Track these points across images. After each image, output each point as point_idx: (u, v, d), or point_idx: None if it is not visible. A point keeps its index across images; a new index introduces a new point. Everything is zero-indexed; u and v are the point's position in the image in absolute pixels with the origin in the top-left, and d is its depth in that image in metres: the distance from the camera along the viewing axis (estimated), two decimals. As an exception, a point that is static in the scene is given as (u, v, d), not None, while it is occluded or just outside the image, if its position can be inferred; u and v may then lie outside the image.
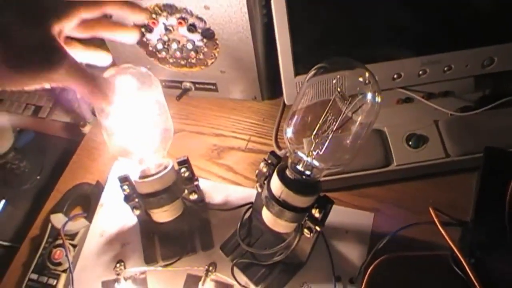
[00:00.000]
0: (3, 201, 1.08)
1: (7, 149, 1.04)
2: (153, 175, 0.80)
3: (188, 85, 1.03)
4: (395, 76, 0.91)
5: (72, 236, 0.92)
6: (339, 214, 0.85)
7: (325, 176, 0.87)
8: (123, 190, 0.82)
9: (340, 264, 0.82)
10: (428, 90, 0.96)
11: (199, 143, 1.03)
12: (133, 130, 0.80)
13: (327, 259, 0.82)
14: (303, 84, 0.73)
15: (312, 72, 0.72)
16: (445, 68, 0.91)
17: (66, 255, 0.88)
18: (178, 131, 1.03)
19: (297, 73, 0.88)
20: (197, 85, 1.04)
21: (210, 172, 0.98)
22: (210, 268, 0.83)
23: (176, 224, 0.85)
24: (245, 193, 0.90)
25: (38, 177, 1.11)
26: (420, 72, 0.91)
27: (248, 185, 0.94)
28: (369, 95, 0.69)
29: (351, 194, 0.92)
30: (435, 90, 0.96)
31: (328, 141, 0.70)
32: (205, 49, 0.95)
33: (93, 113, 1.11)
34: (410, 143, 0.92)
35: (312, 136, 0.71)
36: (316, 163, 0.71)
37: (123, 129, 0.80)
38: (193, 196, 0.85)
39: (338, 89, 0.69)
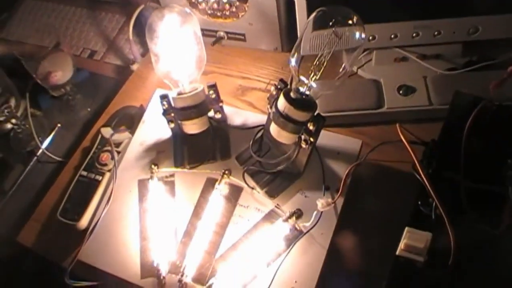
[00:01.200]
0: (58, 125, 1.29)
1: (67, 80, 1.25)
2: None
3: (222, 34, 1.24)
4: (392, 36, 1.09)
5: (117, 145, 1.13)
6: (333, 139, 1.04)
7: (326, 112, 1.07)
8: (163, 105, 1.03)
9: (330, 177, 1.00)
10: (422, 52, 1.13)
11: (227, 83, 1.23)
12: (175, 56, 1.01)
13: (320, 172, 1.01)
14: (307, 23, 0.92)
15: (313, 14, 0.91)
16: (435, 33, 1.07)
17: (112, 158, 1.09)
18: (210, 73, 1.24)
19: (314, 28, 1.07)
20: (229, 35, 1.25)
21: (234, 106, 1.18)
22: (226, 172, 1.02)
23: (202, 137, 1.06)
24: (259, 119, 1.08)
25: (89, 109, 1.32)
26: (414, 35, 1.08)
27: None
28: (357, 34, 0.88)
29: (348, 130, 1.10)
30: (428, 53, 1.13)
31: (323, 68, 0.89)
32: (237, 3, 1.15)
33: (142, 55, 1.32)
34: (401, 91, 1.10)
35: (313, 65, 0.90)
36: (314, 85, 0.90)
37: (167, 54, 1.01)
38: (218, 115, 1.05)
39: (334, 29, 0.88)
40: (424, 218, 0.84)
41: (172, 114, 1.03)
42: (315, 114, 0.91)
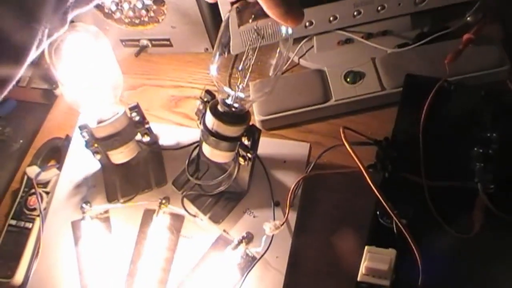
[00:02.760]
0: (-10, 165, 1.17)
1: (-14, 116, 1.13)
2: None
3: (145, 42, 1.12)
4: (331, 18, 0.97)
5: (45, 185, 1.02)
6: (278, 146, 0.92)
7: (268, 115, 0.96)
8: (83, 136, 0.91)
9: (279, 190, 0.89)
10: (367, 30, 1.02)
11: (159, 95, 1.11)
12: (84, 81, 0.88)
13: (267, 187, 0.89)
14: (224, 22, 0.80)
15: (229, 11, 0.78)
16: (379, 8, 0.96)
17: (38, 201, 0.97)
18: (139, 86, 1.12)
19: (240, 24, 0.95)
20: (153, 42, 1.12)
21: (169, 120, 1.06)
22: (163, 201, 0.91)
23: (133, 164, 0.94)
24: (194, 134, 0.96)
25: (21, 141, 1.19)
26: (355, 13, 0.97)
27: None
28: (283, 29, 0.76)
29: (296, 131, 0.99)
30: (374, 30, 1.02)
31: (249, 74, 0.77)
32: (154, 7, 1.03)
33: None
34: (348, 79, 0.98)
35: (238, 72, 0.78)
36: (241, 95, 0.78)
37: (74, 80, 0.88)
38: (146, 138, 0.93)
39: (255, 27, 0.76)
40: (386, 232, 0.74)
41: (96, 145, 0.91)
42: (250, 125, 0.80)
